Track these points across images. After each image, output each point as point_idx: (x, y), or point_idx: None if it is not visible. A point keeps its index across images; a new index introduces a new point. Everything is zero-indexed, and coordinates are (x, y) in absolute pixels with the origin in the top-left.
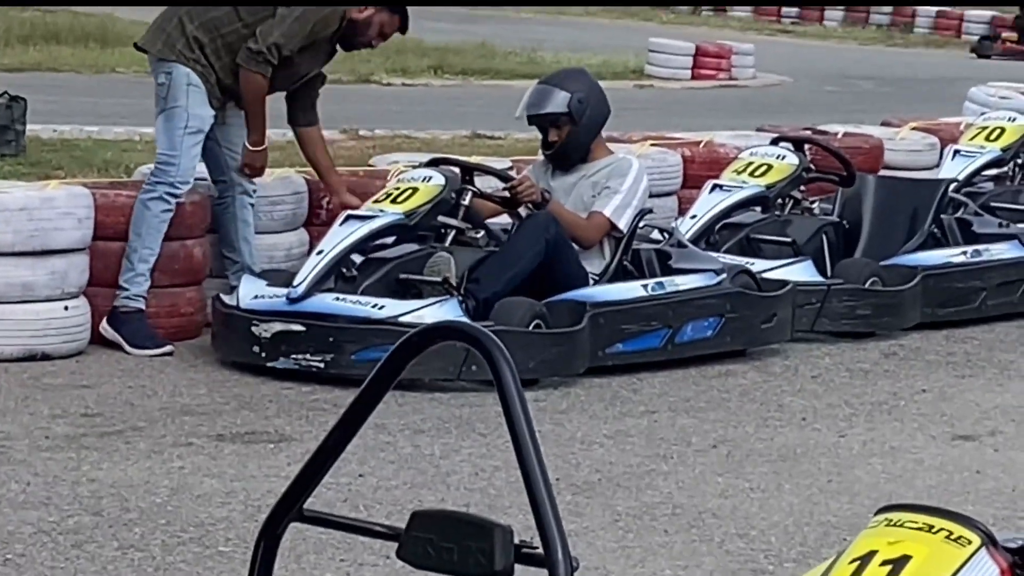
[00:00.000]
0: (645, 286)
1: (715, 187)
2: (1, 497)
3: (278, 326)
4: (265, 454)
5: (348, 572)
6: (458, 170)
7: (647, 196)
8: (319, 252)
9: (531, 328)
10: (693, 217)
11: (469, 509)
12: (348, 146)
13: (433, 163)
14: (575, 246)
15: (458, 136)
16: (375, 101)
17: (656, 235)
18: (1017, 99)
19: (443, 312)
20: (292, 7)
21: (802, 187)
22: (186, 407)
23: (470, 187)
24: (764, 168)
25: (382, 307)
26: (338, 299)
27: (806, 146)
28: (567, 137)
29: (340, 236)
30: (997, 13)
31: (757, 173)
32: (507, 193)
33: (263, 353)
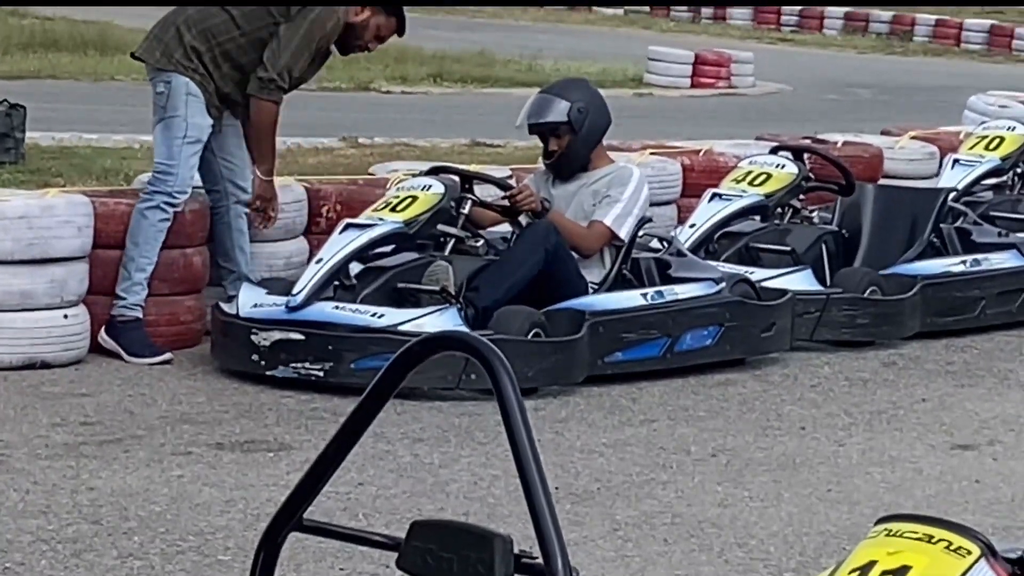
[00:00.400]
0: (644, 295)
1: (714, 196)
2: (0, 506)
3: (277, 335)
4: (264, 463)
5: None
6: (458, 179)
7: (647, 205)
8: (318, 261)
9: (530, 337)
10: (692, 226)
11: (468, 518)
12: (347, 154)
13: (433, 171)
14: (575, 255)
15: (457, 144)
16: (374, 109)
17: (655, 244)
18: (1016, 108)
19: (442, 321)
20: (293, 26)
21: (801, 196)
22: (185, 416)
23: (470, 196)
24: (763, 177)
25: (381, 316)
26: (337, 308)
27: (805, 155)
28: (567, 146)
29: (339, 245)
30: (996, 22)
31: (756, 182)
32: (506, 202)
33: (262, 362)
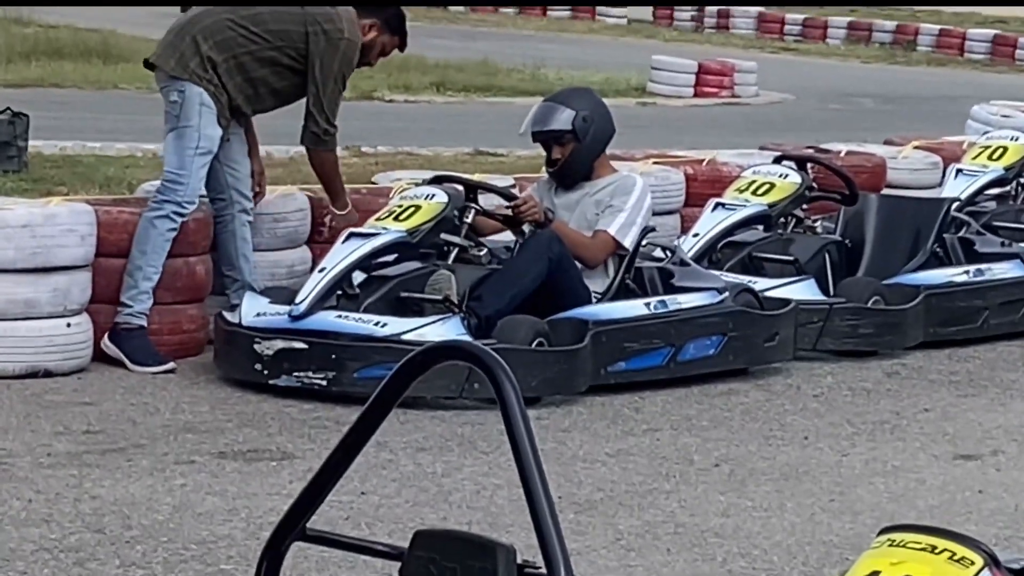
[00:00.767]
0: (647, 304)
1: (718, 205)
2: (3, 514)
3: (280, 344)
4: (267, 472)
5: None
6: (461, 188)
7: (651, 214)
8: (321, 270)
9: (534, 346)
10: (695, 235)
11: (471, 527)
12: (351, 163)
13: (436, 180)
14: (578, 264)
15: (460, 153)
16: (378, 118)
17: (659, 253)
18: (1020, 118)
19: (446, 330)
20: (325, 67)
21: (805, 206)
22: (188, 424)
23: (473, 205)
24: (767, 187)
25: (384, 325)
26: (340, 317)
27: (809, 165)
28: (570, 155)
29: (342, 254)
30: (999, 31)
31: (760, 192)
32: (509, 212)
33: (265, 371)
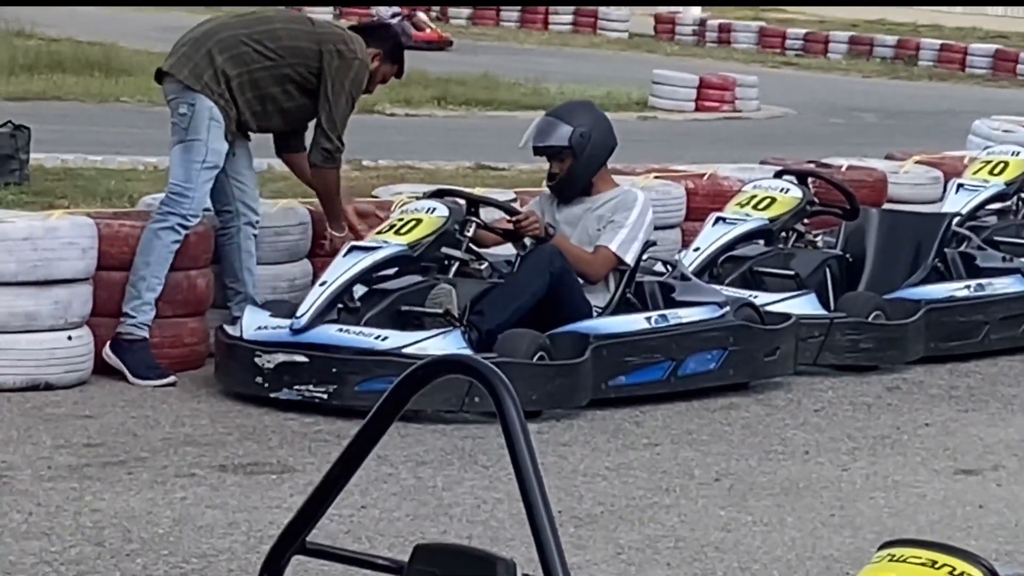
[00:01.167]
0: (648, 319)
1: (718, 220)
2: (3, 527)
3: (281, 357)
4: (268, 485)
5: None
6: (463, 201)
7: (652, 229)
8: (322, 283)
9: (534, 360)
10: (696, 250)
11: (471, 541)
12: (352, 177)
13: (437, 194)
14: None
15: (462, 167)
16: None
17: (659, 267)
18: (1021, 133)
19: (446, 344)
20: (336, 87)
21: (806, 220)
22: (189, 438)
23: (474, 219)
24: (768, 201)
25: (385, 338)
26: (341, 330)
27: (810, 179)
28: (568, 170)
29: (343, 267)
30: (1001, 46)
31: (761, 206)
32: (510, 226)
33: (266, 384)
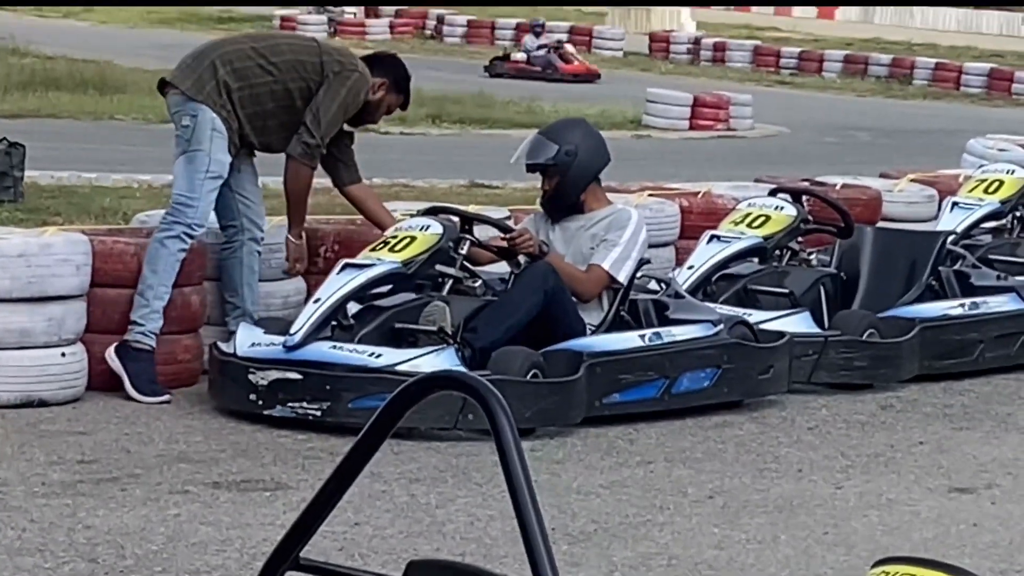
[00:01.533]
0: (642, 336)
1: (713, 238)
2: None
3: (275, 374)
4: (261, 502)
5: None
6: (457, 219)
7: (646, 247)
8: (316, 300)
9: (528, 377)
10: (690, 268)
11: (465, 559)
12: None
13: (431, 212)
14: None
15: (456, 185)
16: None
17: (653, 285)
18: (1015, 151)
19: (440, 361)
20: (331, 91)
21: (800, 238)
22: (182, 454)
23: (468, 236)
24: (762, 219)
25: (379, 356)
26: (335, 347)
27: (804, 197)
28: (555, 188)
29: (337, 284)
30: (996, 65)
31: (755, 224)
32: (504, 243)
33: (260, 401)
